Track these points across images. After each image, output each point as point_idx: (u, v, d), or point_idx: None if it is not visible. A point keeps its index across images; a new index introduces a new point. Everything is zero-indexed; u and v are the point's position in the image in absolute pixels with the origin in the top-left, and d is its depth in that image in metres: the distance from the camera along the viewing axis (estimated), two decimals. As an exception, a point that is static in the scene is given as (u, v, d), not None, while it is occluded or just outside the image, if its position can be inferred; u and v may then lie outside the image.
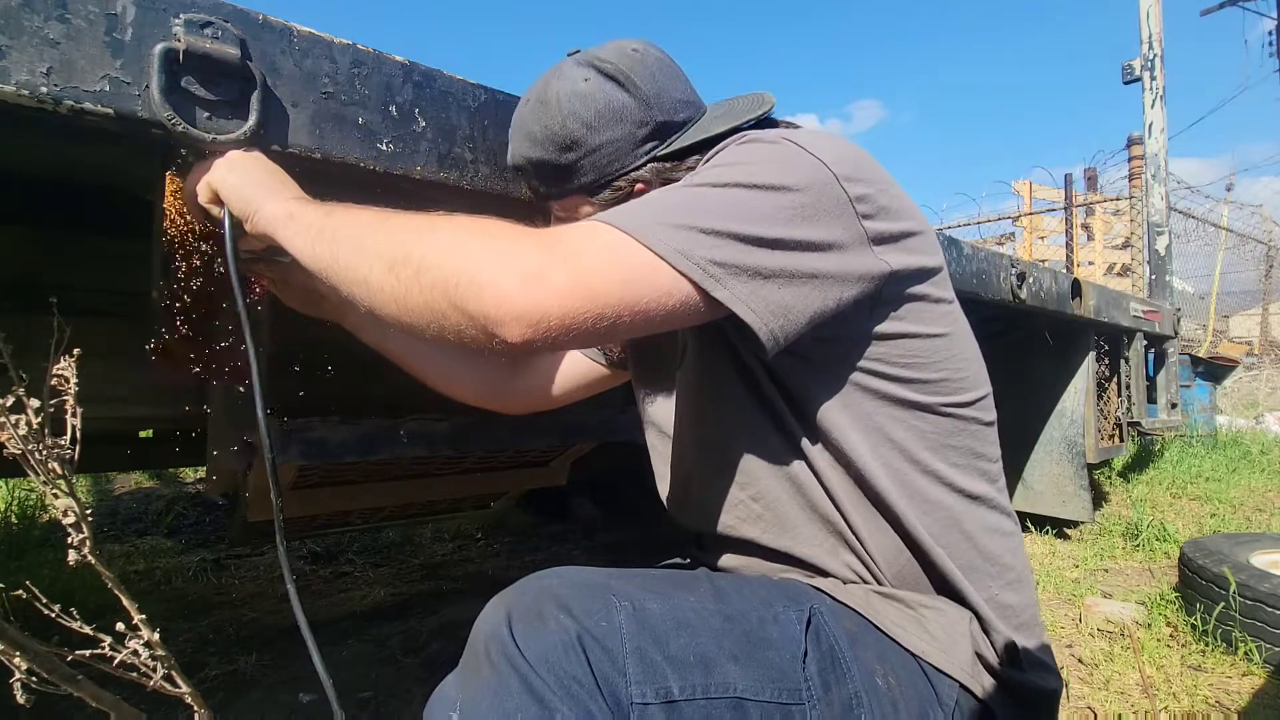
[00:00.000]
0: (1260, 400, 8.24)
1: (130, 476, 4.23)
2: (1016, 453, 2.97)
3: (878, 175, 0.69)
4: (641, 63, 0.74)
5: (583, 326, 0.55)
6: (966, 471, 0.72)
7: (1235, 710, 1.54)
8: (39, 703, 0.61)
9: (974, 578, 0.70)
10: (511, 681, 0.53)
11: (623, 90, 0.73)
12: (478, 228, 0.59)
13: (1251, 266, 10.33)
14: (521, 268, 0.55)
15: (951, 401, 0.71)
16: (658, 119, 0.74)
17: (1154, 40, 4.60)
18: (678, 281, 0.58)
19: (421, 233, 0.60)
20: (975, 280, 1.80)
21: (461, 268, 0.56)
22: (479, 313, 0.55)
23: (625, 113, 0.73)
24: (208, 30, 0.67)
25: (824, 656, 0.62)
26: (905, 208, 0.70)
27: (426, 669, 1.73)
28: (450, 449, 1.39)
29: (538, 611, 0.57)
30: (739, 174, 0.63)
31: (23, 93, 0.59)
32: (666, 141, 0.76)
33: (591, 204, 0.78)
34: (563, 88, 0.74)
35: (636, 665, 0.55)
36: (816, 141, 0.67)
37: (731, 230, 0.59)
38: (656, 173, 0.75)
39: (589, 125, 0.73)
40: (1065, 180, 7.65)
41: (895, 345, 0.69)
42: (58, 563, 2.45)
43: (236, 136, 0.69)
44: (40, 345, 0.64)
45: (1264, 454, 5.14)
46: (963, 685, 0.66)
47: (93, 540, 0.63)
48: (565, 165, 0.76)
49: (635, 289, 0.57)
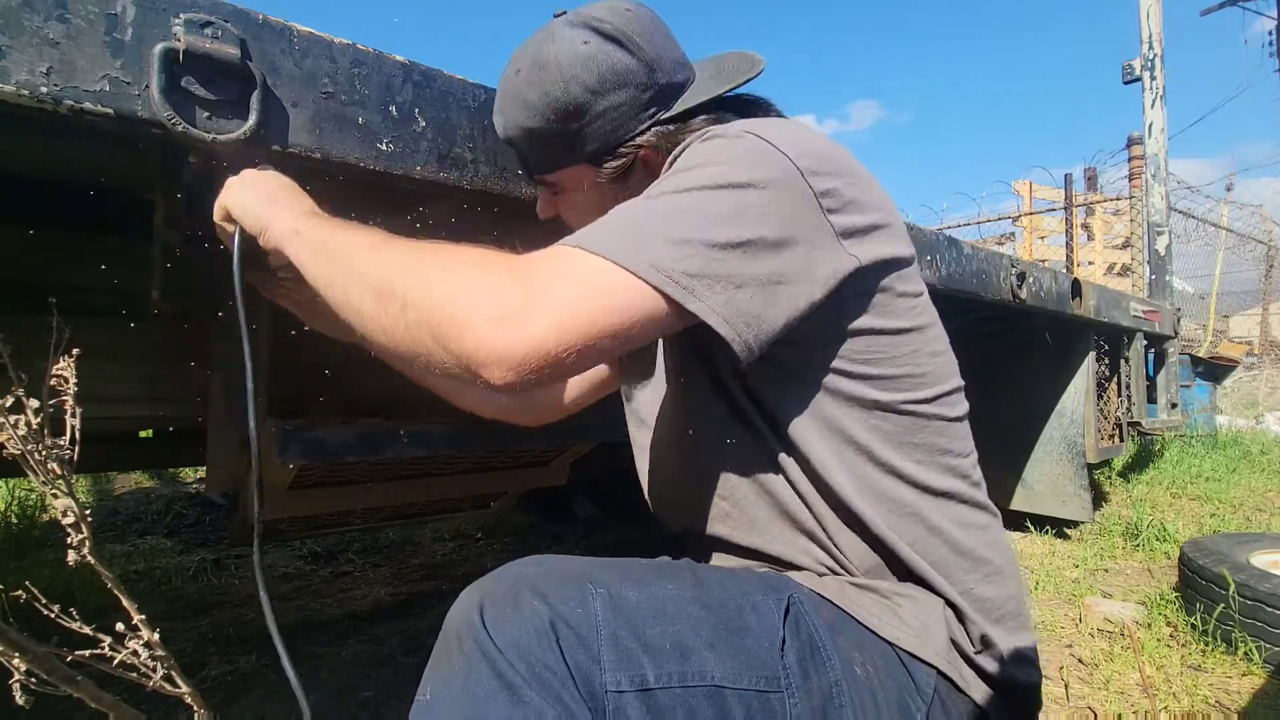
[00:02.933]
0: (1260, 400, 8.24)
1: (130, 476, 4.23)
2: (1016, 453, 2.97)
3: (844, 166, 0.67)
4: (639, 22, 0.72)
5: (564, 361, 0.55)
6: (931, 468, 0.71)
7: (1235, 710, 1.54)
8: (39, 703, 0.61)
9: (946, 572, 0.70)
10: (481, 668, 0.52)
11: (625, 52, 0.70)
12: (461, 261, 0.59)
13: (1251, 266, 10.33)
14: (499, 309, 0.54)
15: (913, 398, 0.70)
16: (660, 81, 0.72)
17: (1154, 40, 4.61)
18: (652, 298, 0.57)
19: (409, 264, 0.59)
20: (975, 280, 1.80)
21: (442, 307, 0.55)
22: (461, 354, 0.55)
23: (630, 75, 0.71)
24: (208, 30, 0.67)
25: (803, 645, 0.62)
26: (874, 199, 0.68)
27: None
28: (450, 449, 1.39)
29: (512, 598, 0.56)
30: (702, 177, 0.61)
31: (23, 93, 0.59)
32: (669, 105, 0.73)
33: (597, 174, 0.76)
34: (560, 51, 0.71)
35: (611, 652, 0.55)
36: (782, 134, 0.65)
37: (700, 238, 0.58)
38: (661, 136, 0.73)
39: (593, 90, 0.70)
40: (1065, 180, 7.65)
41: (857, 341, 0.68)
42: (58, 563, 2.45)
43: (236, 136, 0.69)
44: (40, 345, 0.64)
45: (1264, 454, 5.14)
46: (941, 672, 0.66)
47: (92, 540, 0.63)
48: (568, 134, 0.73)
49: (611, 314, 0.56)
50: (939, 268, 1.67)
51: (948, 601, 0.70)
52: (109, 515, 3.45)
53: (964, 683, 0.67)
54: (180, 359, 1.57)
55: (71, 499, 0.61)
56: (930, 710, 0.64)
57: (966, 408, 0.76)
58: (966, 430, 0.76)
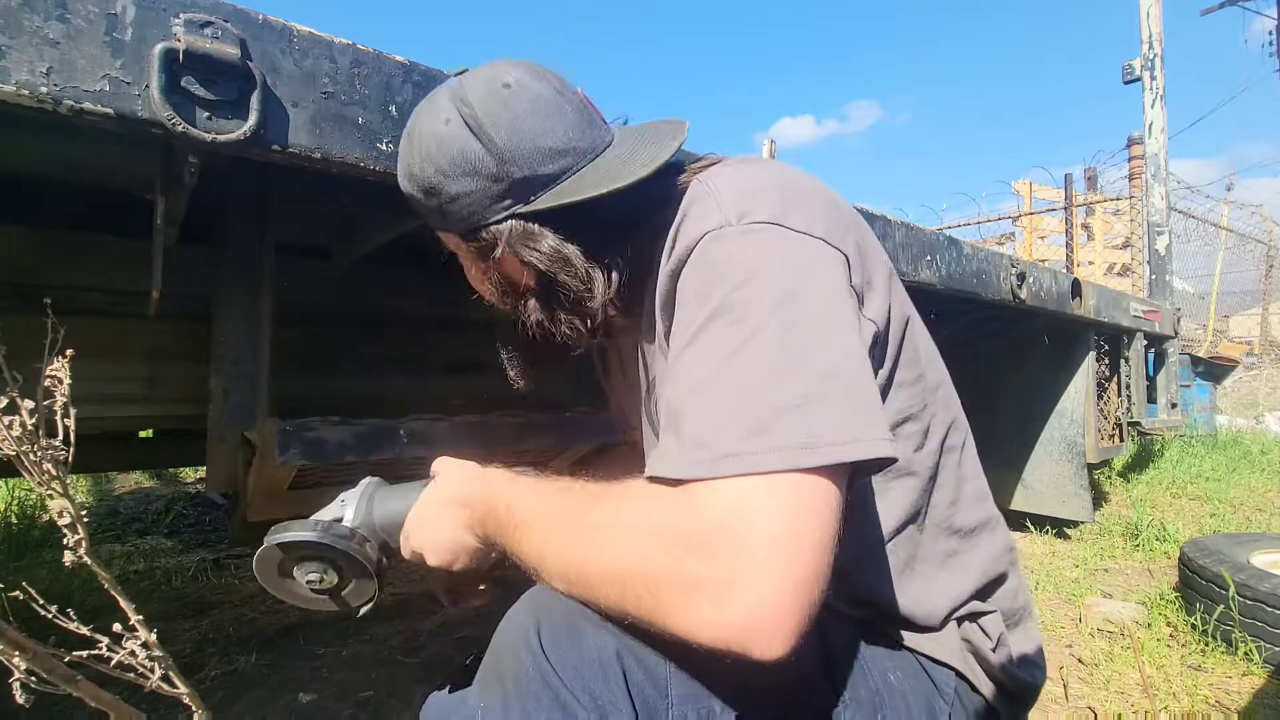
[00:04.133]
0: (1260, 400, 8.24)
1: (130, 476, 4.23)
2: (1016, 453, 2.97)
3: (841, 210, 0.65)
4: (506, 106, 0.65)
5: (808, 591, 0.46)
6: (961, 507, 0.71)
7: (1235, 710, 1.54)
8: (38, 703, 0.61)
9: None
10: (542, 694, 0.51)
11: (477, 141, 0.65)
12: (629, 543, 0.51)
13: (1251, 266, 10.33)
14: (706, 601, 0.46)
15: (934, 446, 0.69)
16: (515, 175, 0.65)
17: (1154, 40, 4.61)
18: (829, 479, 0.49)
19: (592, 549, 0.53)
20: (975, 280, 1.80)
21: (656, 610, 0.48)
22: (714, 646, 0.47)
23: (478, 165, 0.66)
24: (208, 30, 0.67)
25: (848, 661, 0.63)
26: (861, 238, 0.66)
27: (426, 669, 1.72)
28: (449, 449, 1.38)
29: (570, 621, 0.54)
30: (762, 303, 0.54)
31: (23, 93, 0.59)
32: (526, 198, 0.67)
33: (466, 246, 0.72)
34: (424, 125, 0.69)
35: (680, 686, 0.54)
36: (803, 213, 0.61)
37: (816, 380, 0.51)
38: (517, 232, 0.67)
39: (444, 173, 0.67)
40: (1065, 180, 7.65)
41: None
42: (56, 563, 2.45)
43: (236, 136, 0.69)
44: (36, 345, 0.64)
45: (1264, 454, 5.14)
46: (958, 673, 0.66)
47: (88, 541, 0.62)
48: (430, 208, 0.71)
49: (805, 520, 0.47)
50: (939, 268, 1.67)
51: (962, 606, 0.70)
52: (109, 515, 3.44)
53: (977, 681, 0.67)
54: (180, 359, 1.57)
55: (67, 500, 0.61)
56: (953, 712, 0.65)
57: (967, 432, 0.76)
58: (973, 456, 0.75)
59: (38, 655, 0.60)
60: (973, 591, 0.69)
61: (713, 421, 0.50)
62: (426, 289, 1.89)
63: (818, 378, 0.51)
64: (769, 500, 0.47)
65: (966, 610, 0.69)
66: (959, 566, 0.69)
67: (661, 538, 0.49)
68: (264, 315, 1.30)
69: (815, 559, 0.46)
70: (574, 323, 0.70)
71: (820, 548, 0.46)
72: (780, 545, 0.45)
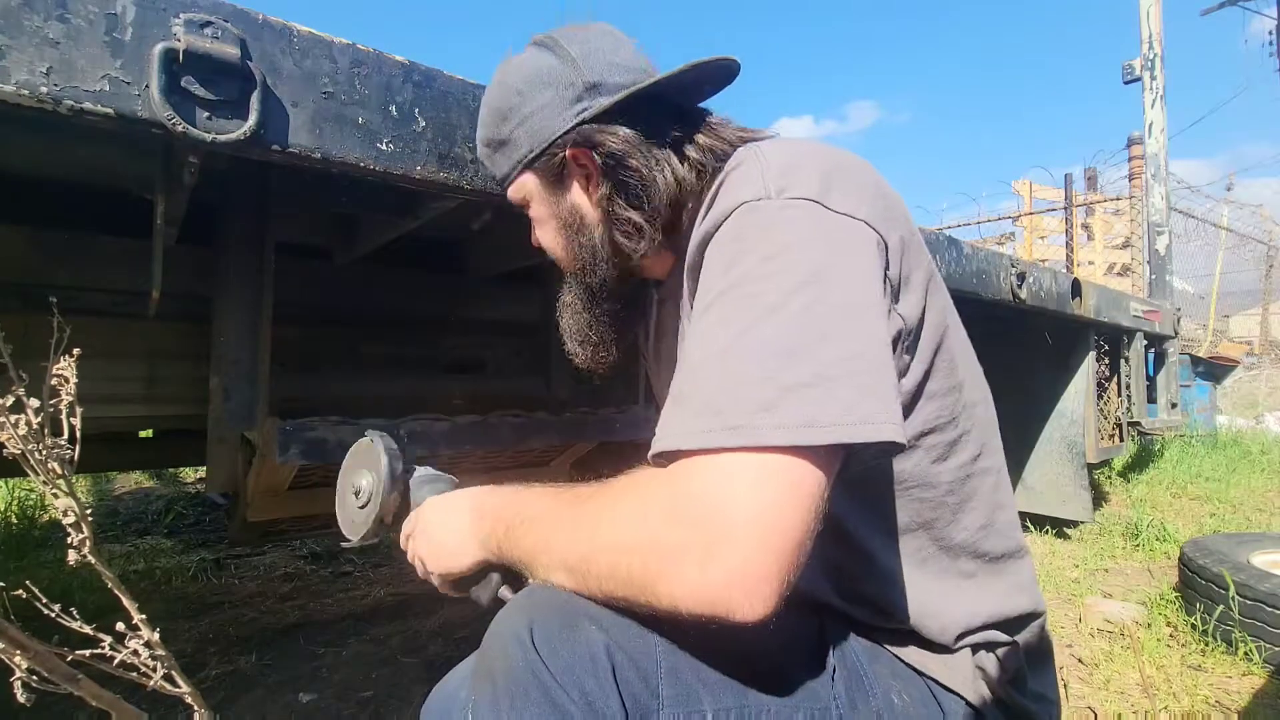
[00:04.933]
0: (1260, 400, 8.24)
1: (130, 476, 4.23)
2: (1016, 453, 2.97)
3: (891, 201, 0.64)
4: (581, 29, 0.74)
5: (789, 558, 0.47)
6: (989, 533, 0.70)
7: (1235, 710, 1.54)
8: (39, 702, 0.61)
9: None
10: (532, 690, 0.51)
11: (551, 54, 0.72)
12: (621, 518, 0.53)
13: (1251, 266, 10.34)
14: (709, 579, 0.47)
15: (960, 461, 0.68)
16: (586, 79, 0.70)
17: (1154, 40, 4.61)
18: (823, 456, 0.50)
19: (594, 529, 0.55)
20: (975, 280, 1.80)
21: (645, 578, 0.50)
22: (696, 611, 0.48)
23: (552, 75, 0.71)
24: (208, 30, 0.67)
25: (850, 674, 0.62)
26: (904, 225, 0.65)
27: (426, 669, 1.72)
28: (450, 449, 1.39)
29: (563, 620, 0.54)
30: (788, 280, 0.54)
31: (23, 93, 0.59)
32: (596, 102, 0.71)
33: (538, 180, 0.75)
34: (507, 64, 0.76)
35: (670, 687, 0.54)
36: (846, 195, 0.60)
37: (829, 363, 0.51)
38: (586, 135, 0.70)
39: (520, 92, 0.73)
40: (1065, 180, 7.65)
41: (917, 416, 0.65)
42: (58, 563, 2.45)
43: (236, 136, 0.69)
44: (40, 345, 0.64)
45: (1264, 454, 5.14)
46: (968, 702, 0.65)
47: (93, 540, 0.63)
48: (504, 139, 0.75)
49: (789, 493, 0.48)
50: (939, 268, 1.67)
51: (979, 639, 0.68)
52: (109, 515, 3.45)
53: (988, 714, 0.66)
54: (180, 359, 1.57)
55: (72, 498, 0.61)
56: None
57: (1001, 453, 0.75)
58: (1006, 478, 0.75)
59: (39, 654, 0.60)
60: (990, 617, 0.67)
61: (718, 393, 0.51)
62: (426, 289, 1.89)
63: (832, 360, 0.51)
64: (760, 472, 0.48)
65: (983, 638, 0.66)
66: (976, 588, 0.68)
67: (658, 510, 0.51)
68: (264, 315, 1.30)
69: (797, 531, 0.48)
70: (637, 222, 0.71)
71: (803, 523, 0.48)
72: (763, 514, 0.47)
